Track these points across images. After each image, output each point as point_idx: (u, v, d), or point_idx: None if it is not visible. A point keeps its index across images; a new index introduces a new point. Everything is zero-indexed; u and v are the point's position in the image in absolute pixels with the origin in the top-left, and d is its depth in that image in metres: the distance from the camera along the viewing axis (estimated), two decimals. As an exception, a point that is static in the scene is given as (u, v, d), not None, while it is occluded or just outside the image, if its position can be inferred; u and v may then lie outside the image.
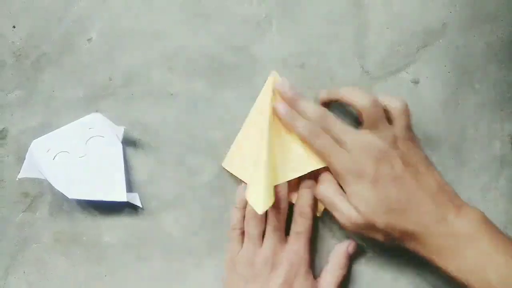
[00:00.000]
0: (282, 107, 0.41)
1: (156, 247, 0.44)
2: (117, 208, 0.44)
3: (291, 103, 0.41)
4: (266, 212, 0.40)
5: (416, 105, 0.44)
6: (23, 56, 0.45)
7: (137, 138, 0.44)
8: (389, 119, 0.40)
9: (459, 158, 0.44)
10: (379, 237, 0.38)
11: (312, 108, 0.40)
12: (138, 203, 0.43)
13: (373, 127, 0.39)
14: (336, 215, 0.39)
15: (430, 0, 0.45)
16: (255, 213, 0.39)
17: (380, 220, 0.37)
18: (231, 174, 0.44)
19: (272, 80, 0.43)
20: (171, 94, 0.44)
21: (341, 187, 0.40)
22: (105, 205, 0.43)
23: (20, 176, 0.42)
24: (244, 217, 0.42)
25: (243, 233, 0.42)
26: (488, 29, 0.45)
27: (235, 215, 0.42)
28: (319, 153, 0.40)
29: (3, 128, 0.45)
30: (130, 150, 0.44)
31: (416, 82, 0.44)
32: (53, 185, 0.41)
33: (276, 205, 0.40)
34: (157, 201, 0.44)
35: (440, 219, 0.37)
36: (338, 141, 0.39)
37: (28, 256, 0.44)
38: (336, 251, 0.41)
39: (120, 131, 0.43)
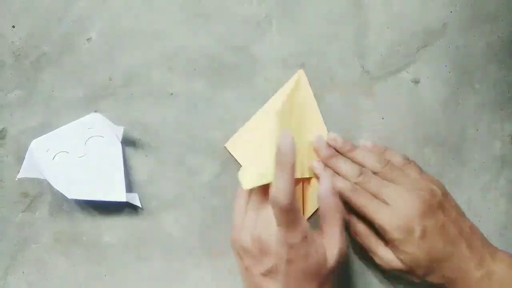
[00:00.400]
0: (317, 166, 0.41)
1: (156, 247, 0.44)
2: (117, 208, 0.44)
3: (326, 161, 0.41)
4: None
5: (416, 105, 0.44)
6: (23, 56, 0.45)
7: (137, 138, 0.44)
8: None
9: (459, 158, 0.44)
10: (416, 279, 0.39)
11: (348, 167, 0.41)
12: (137, 203, 0.43)
13: (396, 181, 0.40)
14: (375, 258, 0.40)
15: (430, 0, 0.45)
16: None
17: (422, 269, 0.38)
18: (231, 174, 0.44)
19: (297, 78, 0.43)
20: (171, 94, 0.44)
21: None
22: (105, 205, 0.43)
23: (19, 176, 0.42)
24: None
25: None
26: (488, 29, 0.45)
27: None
28: (360, 211, 0.39)
29: (3, 128, 0.45)
30: (130, 150, 0.44)
31: (416, 82, 0.44)
32: (52, 185, 0.41)
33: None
34: (157, 201, 0.44)
35: (478, 264, 0.38)
36: (377, 196, 0.39)
37: (28, 256, 0.44)
38: (321, 195, 0.38)
39: (119, 131, 0.43)
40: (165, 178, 0.44)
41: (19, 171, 0.42)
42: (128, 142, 0.44)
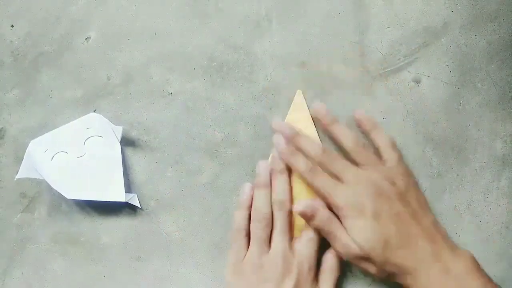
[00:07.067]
0: (280, 143, 0.41)
1: (155, 247, 0.43)
2: (116, 208, 0.43)
3: (291, 140, 0.41)
4: (272, 214, 0.40)
5: (417, 105, 0.44)
6: (21, 55, 0.44)
7: (136, 138, 0.44)
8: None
9: (460, 158, 0.44)
10: (373, 270, 0.39)
11: (311, 146, 0.41)
12: (137, 203, 0.43)
13: (365, 164, 0.40)
14: (334, 244, 0.40)
15: (431, -2, 0.44)
16: (263, 214, 0.40)
17: (377, 254, 0.38)
18: (231, 175, 0.43)
19: (297, 100, 0.43)
20: (170, 93, 0.44)
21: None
22: (104, 206, 0.43)
23: (18, 176, 0.42)
24: (248, 218, 0.41)
25: (247, 235, 0.41)
26: (489, 28, 0.44)
27: (239, 216, 0.41)
28: (317, 191, 0.40)
29: (1, 128, 0.44)
30: (129, 150, 0.44)
31: (417, 81, 0.44)
32: (51, 185, 0.41)
33: (282, 208, 0.40)
34: (156, 201, 0.44)
35: (436, 256, 0.38)
36: (338, 177, 0.40)
37: (26, 257, 0.44)
38: (328, 255, 0.41)
39: (118, 130, 0.42)
40: (164, 178, 0.44)
41: (17, 172, 0.42)
42: (127, 142, 0.44)
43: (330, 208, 0.40)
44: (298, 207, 0.40)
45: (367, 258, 0.38)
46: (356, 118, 0.43)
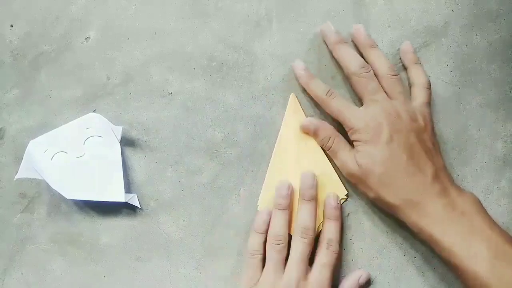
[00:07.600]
0: (298, 67, 0.42)
1: (154, 248, 0.43)
2: (116, 208, 0.43)
3: (335, 46, 0.42)
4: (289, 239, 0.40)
5: (417, 105, 0.44)
6: (21, 55, 0.44)
7: (135, 138, 0.44)
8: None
9: (461, 158, 0.44)
10: (370, 194, 0.39)
11: (354, 58, 0.41)
12: (136, 203, 0.43)
13: (393, 96, 0.40)
14: (335, 161, 0.42)
15: (432, -2, 0.44)
16: (281, 237, 0.39)
17: (376, 178, 0.38)
18: (231, 175, 0.43)
19: (291, 104, 0.43)
20: (170, 93, 0.44)
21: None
22: (103, 206, 0.43)
23: (17, 176, 0.42)
24: (264, 243, 0.41)
25: (262, 260, 0.40)
26: (490, 28, 0.44)
27: (255, 240, 0.41)
28: (334, 114, 0.41)
29: (1, 128, 0.44)
30: (129, 150, 0.44)
31: (417, 81, 0.44)
32: (51, 185, 0.41)
33: (306, 236, 0.40)
34: (155, 201, 0.44)
35: (442, 193, 0.38)
36: (363, 96, 0.40)
37: (26, 257, 0.44)
38: (348, 280, 0.41)
39: (118, 130, 0.42)
40: (164, 178, 0.44)
41: (17, 172, 0.42)
42: (126, 142, 0.44)
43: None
44: (304, 122, 0.41)
45: (365, 179, 0.39)
46: (402, 48, 0.43)
